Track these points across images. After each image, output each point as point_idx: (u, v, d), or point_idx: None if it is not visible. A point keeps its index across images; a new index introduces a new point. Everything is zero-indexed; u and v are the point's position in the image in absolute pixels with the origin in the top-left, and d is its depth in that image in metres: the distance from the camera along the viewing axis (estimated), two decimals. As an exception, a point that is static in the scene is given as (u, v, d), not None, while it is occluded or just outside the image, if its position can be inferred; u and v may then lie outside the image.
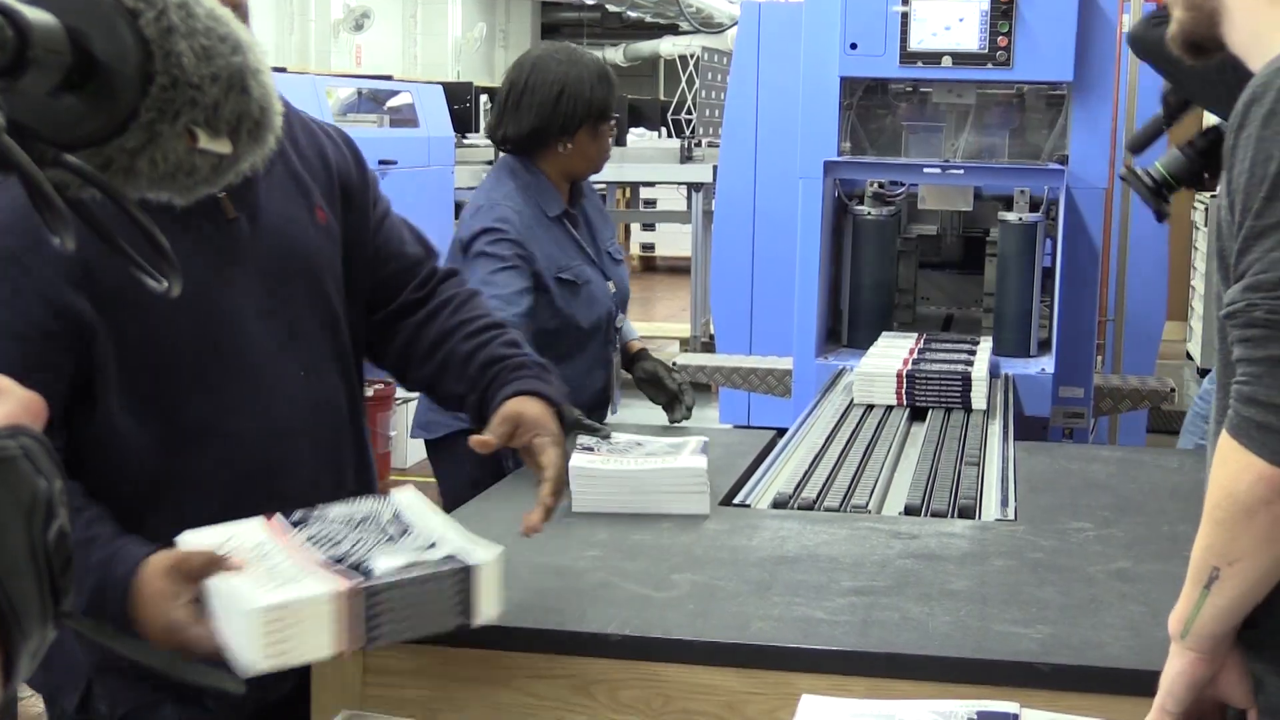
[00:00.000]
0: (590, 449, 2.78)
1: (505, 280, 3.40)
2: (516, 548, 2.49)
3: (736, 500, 2.87)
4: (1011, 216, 4.82)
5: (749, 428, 5.35)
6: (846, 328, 5.06)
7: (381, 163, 7.57)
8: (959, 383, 3.78)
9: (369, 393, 8.10)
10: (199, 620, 1.77)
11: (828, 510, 2.81)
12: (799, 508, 2.83)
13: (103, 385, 1.95)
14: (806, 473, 3.08)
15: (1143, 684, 1.90)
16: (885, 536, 2.56)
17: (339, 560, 1.79)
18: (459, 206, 9.27)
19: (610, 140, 3.72)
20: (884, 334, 4.71)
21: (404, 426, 8.51)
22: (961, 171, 4.92)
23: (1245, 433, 1.57)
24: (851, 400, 3.82)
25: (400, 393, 8.53)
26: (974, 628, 2.10)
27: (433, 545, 1.86)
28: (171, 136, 1.27)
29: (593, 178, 3.84)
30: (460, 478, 3.46)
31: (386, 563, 1.79)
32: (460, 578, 1.82)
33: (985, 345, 4.39)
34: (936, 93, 5.20)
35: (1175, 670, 1.72)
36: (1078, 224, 4.94)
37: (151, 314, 1.93)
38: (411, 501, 1.97)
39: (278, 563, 1.78)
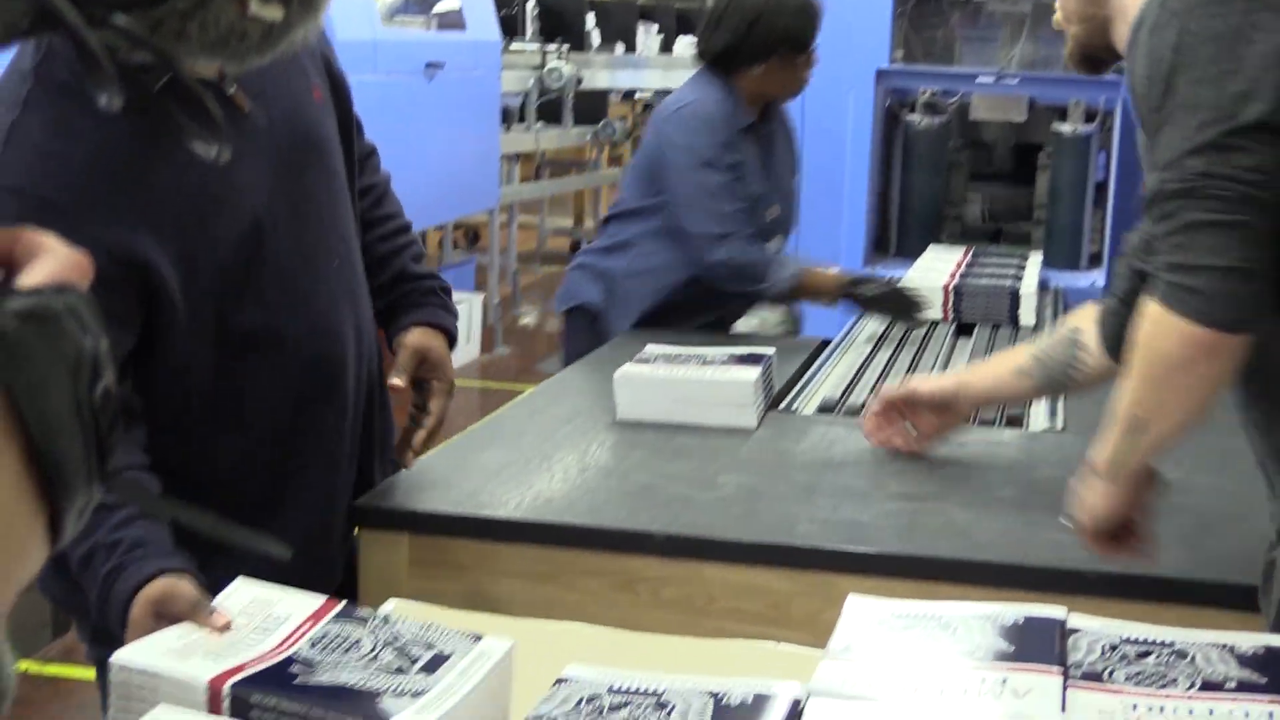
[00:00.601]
0: (645, 360, 2.77)
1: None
2: (563, 448, 2.49)
3: (783, 406, 2.86)
4: (1066, 128, 4.77)
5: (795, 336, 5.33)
6: (895, 238, 5.03)
7: (429, 65, 7.51)
8: (1007, 298, 3.74)
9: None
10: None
11: (874, 416, 2.79)
12: (846, 414, 2.81)
13: (165, 314, 1.90)
14: (853, 379, 3.07)
15: (1192, 593, 1.90)
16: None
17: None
18: (505, 112, 9.24)
19: (808, 71, 3.76)
20: (932, 246, 4.66)
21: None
22: (1016, 81, 4.86)
23: (1174, 297, 1.71)
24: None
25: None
26: (1021, 535, 2.09)
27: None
28: (223, 0, 1.25)
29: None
30: (582, 349, 3.58)
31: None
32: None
33: (1035, 259, 4.34)
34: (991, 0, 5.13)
35: (1102, 502, 1.90)
36: (1133, 137, 4.86)
37: (200, 229, 1.89)
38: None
39: (259, 640, 1.53)
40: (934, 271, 4.05)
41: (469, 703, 1.42)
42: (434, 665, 1.47)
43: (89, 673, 2.19)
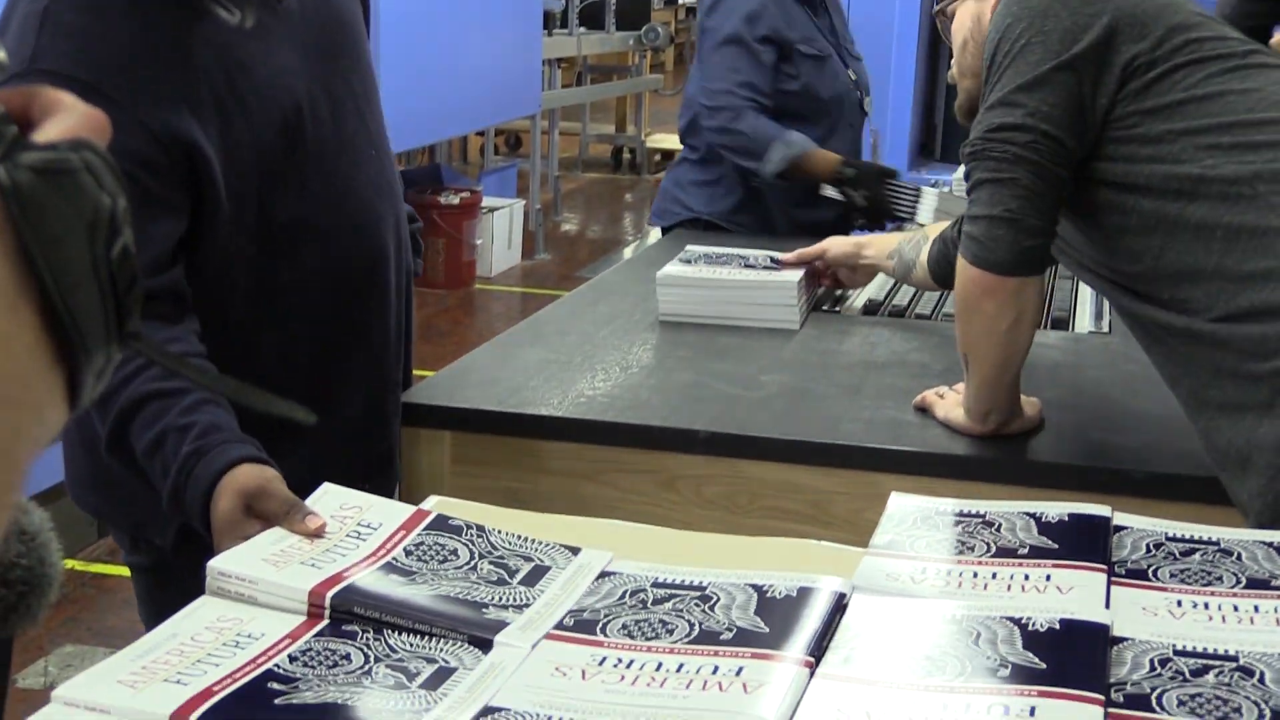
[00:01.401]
0: (688, 260, 2.77)
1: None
2: (605, 347, 2.49)
3: (826, 307, 2.84)
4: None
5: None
6: (940, 141, 4.98)
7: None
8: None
9: (455, 200, 8.12)
10: None
11: (919, 318, 2.78)
12: (890, 314, 2.80)
13: (209, 202, 1.88)
14: (898, 281, 3.04)
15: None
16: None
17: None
18: (547, 17, 9.16)
19: None
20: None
21: (489, 235, 8.51)
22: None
23: (964, 245, 1.95)
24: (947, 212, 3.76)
25: (487, 200, 8.51)
26: (1066, 435, 2.08)
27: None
28: None
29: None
30: None
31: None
32: None
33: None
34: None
35: (964, 428, 2.08)
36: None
37: (241, 112, 1.87)
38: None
39: (353, 547, 1.52)
40: None
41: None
42: (534, 578, 1.47)
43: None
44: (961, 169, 4.10)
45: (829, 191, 3.46)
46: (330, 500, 1.60)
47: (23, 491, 0.62)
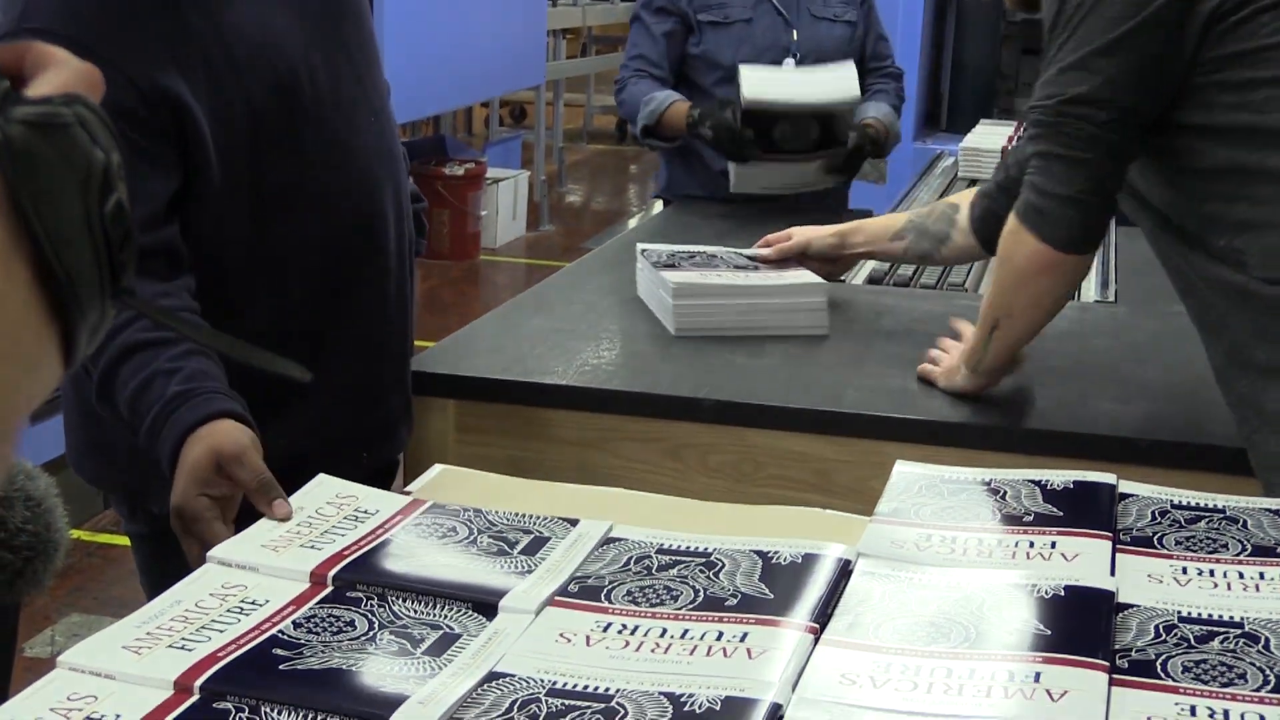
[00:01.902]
0: (669, 264, 2.52)
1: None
2: (610, 316, 2.48)
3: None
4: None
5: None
6: (946, 112, 4.97)
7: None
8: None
9: (459, 171, 8.10)
10: (215, 519, 1.61)
11: (924, 288, 2.78)
12: (895, 284, 2.79)
13: (200, 164, 1.88)
14: (910, 263, 3.03)
15: (1243, 463, 1.88)
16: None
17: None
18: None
19: None
20: (982, 120, 4.61)
21: (494, 207, 8.49)
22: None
23: (1027, 216, 1.92)
24: (954, 178, 3.76)
25: (491, 172, 8.50)
26: (1071, 404, 2.08)
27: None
28: None
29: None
30: None
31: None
32: None
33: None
34: None
35: (965, 386, 2.09)
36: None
37: (233, 75, 1.86)
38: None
39: (350, 529, 1.51)
40: (991, 137, 4.03)
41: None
42: (534, 548, 1.47)
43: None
44: (972, 138, 4.10)
45: (702, 134, 3.41)
46: (325, 490, 1.61)
47: (17, 446, 0.61)
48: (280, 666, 1.23)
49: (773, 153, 3.29)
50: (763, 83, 3.26)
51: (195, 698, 1.18)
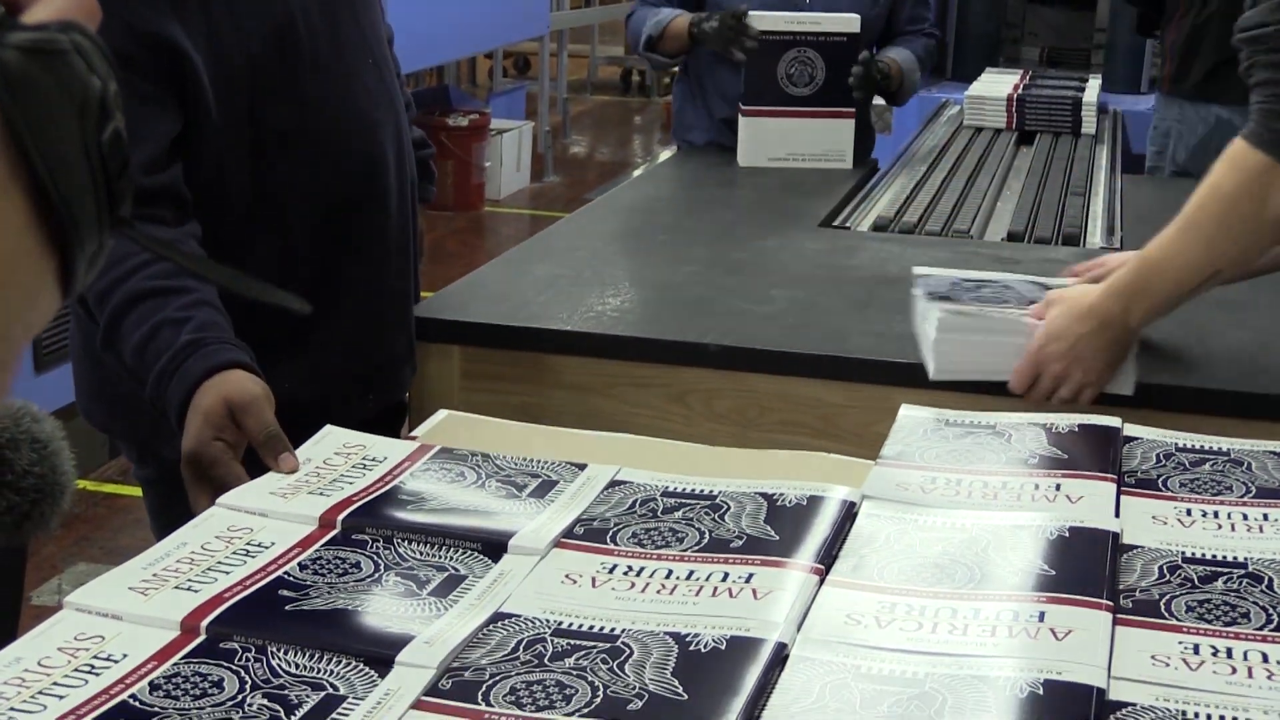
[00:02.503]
0: (945, 296, 2.01)
1: None
2: (615, 263, 2.48)
3: (837, 223, 2.83)
4: (1130, -54, 4.64)
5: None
6: (951, 60, 4.94)
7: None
8: (1070, 106, 3.71)
9: (463, 122, 8.08)
10: (230, 462, 1.60)
11: (929, 234, 2.77)
12: (900, 231, 2.79)
13: (198, 108, 1.88)
14: (908, 198, 3.04)
15: (1249, 406, 1.88)
16: (987, 260, 2.51)
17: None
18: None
19: None
20: (988, 69, 4.60)
21: (498, 158, 8.47)
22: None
23: (1265, 137, 1.71)
24: (959, 126, 3.76)
25: (495, 122, 8.47)
26: (1077, 349, 2.07)
27: None
28: None
29: None
30: None
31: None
32: None
33: (1094, 81, 4.28)
34: None
35: (1129, 346, 1.88)
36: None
37: (229, 18, 1.86)
38: None
39: (359, 476, 1.52)
40: (996, 85, 4.02)
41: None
42: (542, 491, 1.48)
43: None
44: (977, 86, 4.07)
45: (705, 28, 3.36)
46: (332, 440, 1.61)
47: (15, 373, 0.61)
48: (286, 607, 1.24)
49: (778, 103, 3.27)
50: (768, 17, 3.24)
51: (202, 638, 1.19)
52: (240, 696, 1.10)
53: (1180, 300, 1.84)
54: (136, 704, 1.09)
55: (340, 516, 1.40)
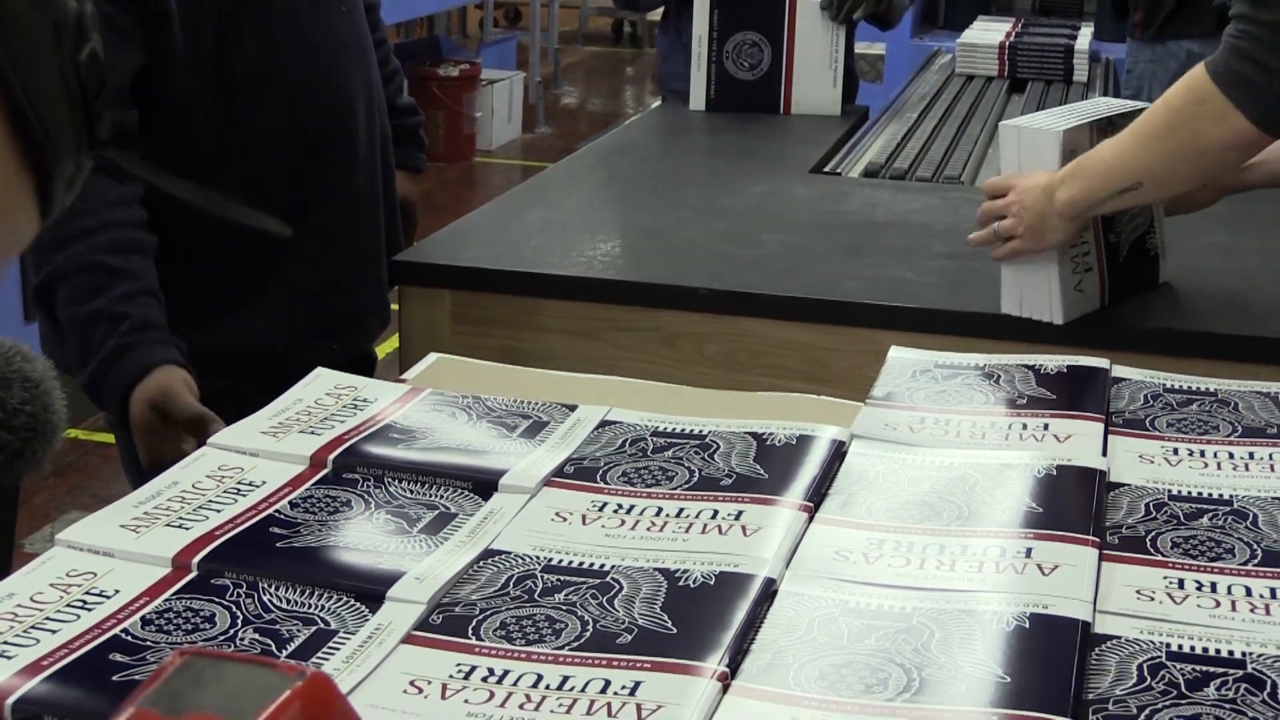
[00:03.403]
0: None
1: None
2: (607, 205, 2.48)
3: (827, 169, 2.83)
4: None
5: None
6: (943, 8, 4.93)
7: None
8: (1061, 54, 3.71)
9: (454, 72, 8.04)
10: (190, 446, 1.70)
11: (920, 180, 2.77)
12: (891, 178, 2.78)
13: (165, 46, 1.88)
14: (899, 144, 3.03)
15: (1236, 348, 1.89)
16: (978, 206, 2.50)
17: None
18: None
19: None
20: (980, 16, 4.58)
21: (489, 108, 8.44)
22: None
23: (1235, 85, 1.70)
24: (950, 74, 3.75)
25: (486, 73, 8.44)
26: (1066, 292, 2.07)
27: None
28: None
29: None
30: None
31: None
32: None
33: (1086, 29, 4.28)
34: None
35: (1054, 238, 1.90)
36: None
37: None
38: None
39: (349, 416, 1.52)
40: (988, 33, 4.01)
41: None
42: (533, 432, 1.48)
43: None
44: (969, 33, 4.06)
45: None
46: (324, 382, 1.61)
47: None
48: (277, 544, 1.24)
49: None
50: None
51: (193, 574, 1.19)
52: (232, 631, 1.11)
53: (1100, 200, 1.86)
54: (129, 638, 1.10)
55: (331, 456, 1.41)
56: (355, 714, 0.60)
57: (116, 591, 1.16)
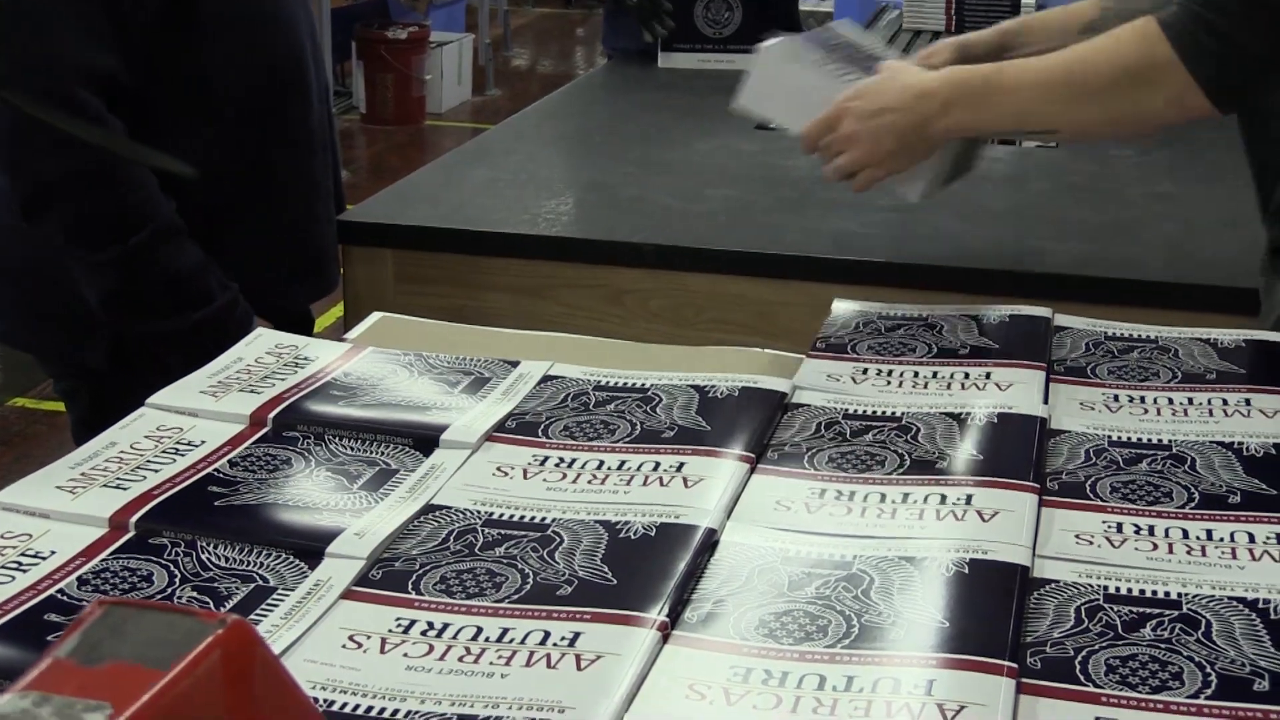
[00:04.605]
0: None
1: None
2: (551, 164, 2.47)
3: (774, 124, 2.82)
4: None
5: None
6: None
7: None
8: (1008, 7, 3.71)
9: (402, 35, 7.99)
10: None
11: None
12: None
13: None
14: (845, 100, 3.02)
15: (1179, 296, 1.90)
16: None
17: None
18: None
19: None
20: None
21: (438, 71, 8.39)
22: None
23: (1198, 57, 1.56)
24: (898, 29, 3.75)
25: (435, 35, 8.39)
26: (1010, 244, 2.08)
27: None
28: None
29: None
30: None
31: None
32: None
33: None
34: None
35: (927, 150, 1.76)
36: None
37: None
38: None
39: (290, 374, 1.53)
40: None
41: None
42: (475, 388, 1.47)
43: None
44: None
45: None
46: (264, 341, 1.60)
47: None
48: (216, 503, 1.23)
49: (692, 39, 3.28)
50: None
51: (130, 534, 1.18)
52: (170, 590, 1.10)
53: (1000, 131, 1.75)
54: (64, 598, 1.09)
55: (271, 414, 1.40)
56: (277, 660, 0.60)
57: (53, 552, 1.15)
